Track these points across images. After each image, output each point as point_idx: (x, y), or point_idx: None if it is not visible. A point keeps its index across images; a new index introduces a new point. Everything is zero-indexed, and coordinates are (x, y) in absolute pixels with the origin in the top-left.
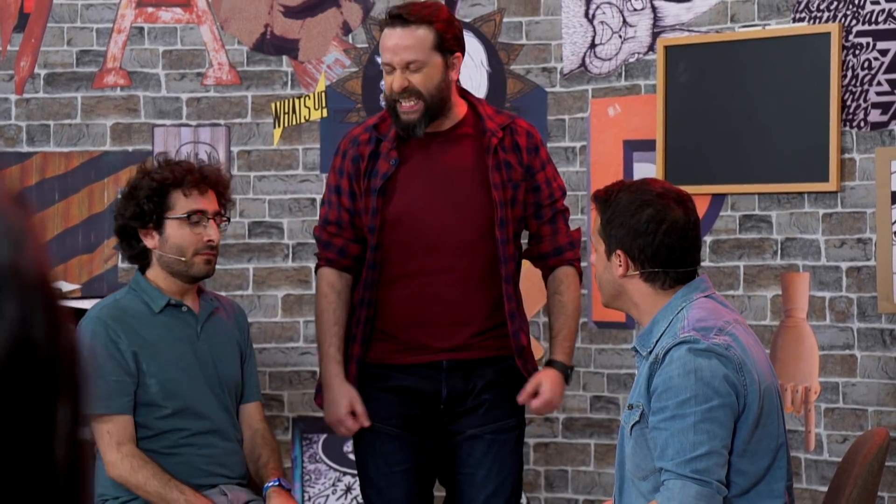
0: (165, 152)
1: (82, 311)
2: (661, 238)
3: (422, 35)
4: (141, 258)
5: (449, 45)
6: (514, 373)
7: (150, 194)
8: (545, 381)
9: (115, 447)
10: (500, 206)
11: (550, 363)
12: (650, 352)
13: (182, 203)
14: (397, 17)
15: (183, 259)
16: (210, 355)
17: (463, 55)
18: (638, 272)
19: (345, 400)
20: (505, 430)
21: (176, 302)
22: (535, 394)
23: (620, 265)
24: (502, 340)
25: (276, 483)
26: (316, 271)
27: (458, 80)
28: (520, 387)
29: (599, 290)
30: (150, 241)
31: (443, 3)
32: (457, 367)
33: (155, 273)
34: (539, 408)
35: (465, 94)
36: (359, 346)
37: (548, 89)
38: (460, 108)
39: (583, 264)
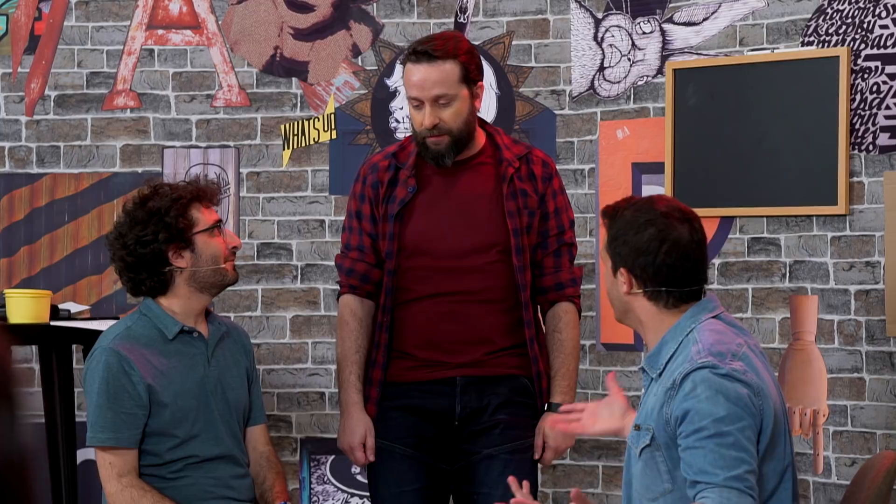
0: (151, 178)
1: (92, 332)
2: (663, 258)
3: (448, 69)
4: (160, 287)
5: (473, 75)
6: (528, 392)
7: (177, 213)
8: (548, 429)
9: (116, 478)
10: (515, 233)
11: (550, 406)
12: (660, 374)
13: (203, 216)
14: (423, 53)
15: (219, 269)
16: (220, 381)
17: (483, 83)
18: (641, 291)
19: (360, 430)
20: (520, 449)
21: (188, 328)
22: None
23: (624, 283)
24: (518, 359)
25: None
26: (338, 299)
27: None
28: (535, 406)
29: (611, 306)
30: (182, 261)
31: (460, 34)
32: (471, 384)
33: (172, 297)
34: (550, 459)
35: (482, 123)
36: (380, 370)
37: (557, 112)
38: (480, 138)
39: (593, 286)
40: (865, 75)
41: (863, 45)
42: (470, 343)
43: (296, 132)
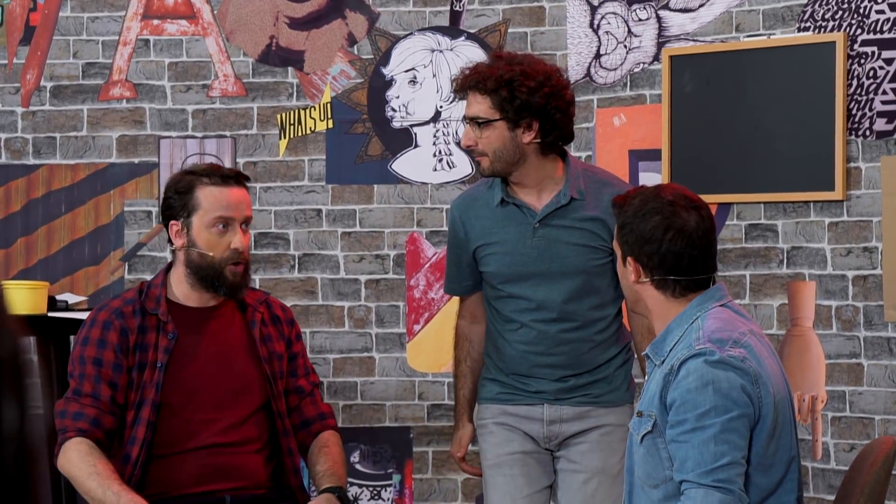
0: None
1: None
2: (667, 246)
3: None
4: None
5: None
6: None
7: None
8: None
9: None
10: (272, 379)
11: (331, 489)
12: (663, 361)
13: None
14: (232, 178)
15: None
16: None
17: None
18: (649, 279)
19: None
20: None
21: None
22: None
23: (632, 272)
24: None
25: None
26: (58, 448)
27: None
28: None
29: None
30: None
31: None
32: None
33: None
34: None
35: None
36: None
37: None
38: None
39: None
40: (862, 60)
41: (859, 31)
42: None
43: (292, 121)
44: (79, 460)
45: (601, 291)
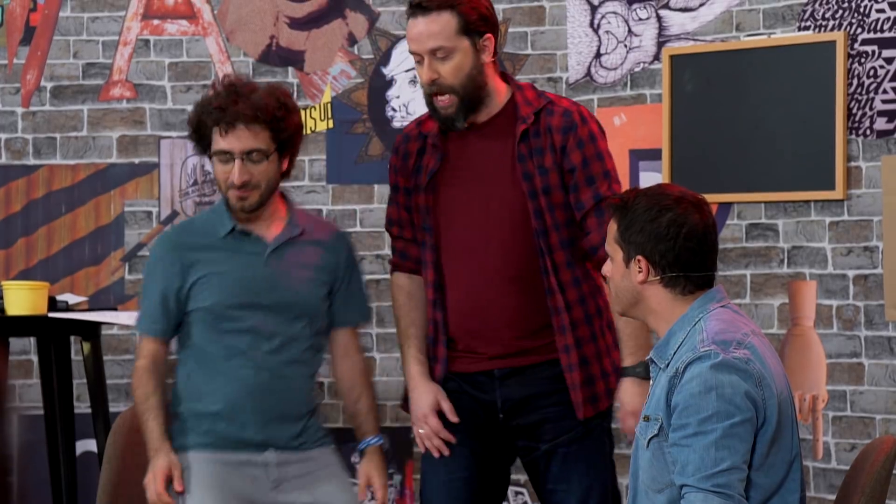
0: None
1: (90, 324)
2: (682, 242)
3: (444, 20)
4: None
5: (476, 26)
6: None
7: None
8: (623, 395)
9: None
10: (531, 196)
11: (625, 371)
12: (667, 364)
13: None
14: (418, 6)
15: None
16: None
17: (495, 35)
18: (658, 277)
19: (428, 397)
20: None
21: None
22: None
23: (640, 271)
24: (549, 342)
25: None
26: (391, 273)
27: (495, 63)
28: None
29: (612, 300)
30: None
31: None
32: (510, 375)
33: None
34: (631, 424)
35: (508, 79)
36: (443, 348)
37: None
38: (500, 96)
39: None
40: (862, 59)
41: (859, 30)
42: (507, 329)
43: None
44: (397, 295)
45: None
